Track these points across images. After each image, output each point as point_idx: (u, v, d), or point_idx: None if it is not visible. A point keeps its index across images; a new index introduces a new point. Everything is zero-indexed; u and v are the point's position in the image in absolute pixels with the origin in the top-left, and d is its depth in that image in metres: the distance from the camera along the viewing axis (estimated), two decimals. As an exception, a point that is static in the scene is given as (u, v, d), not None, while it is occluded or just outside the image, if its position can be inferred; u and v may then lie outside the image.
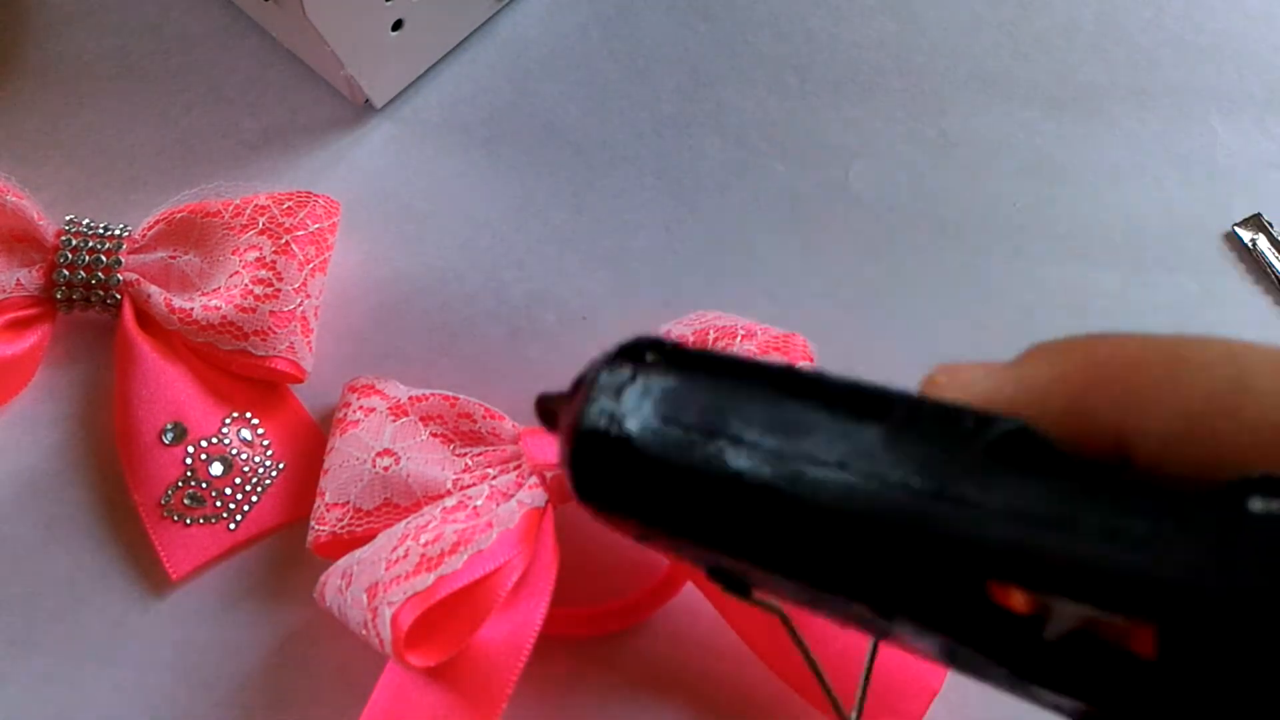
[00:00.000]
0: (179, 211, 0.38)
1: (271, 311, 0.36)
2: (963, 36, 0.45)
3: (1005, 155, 0.43)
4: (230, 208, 0.38)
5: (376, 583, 0.30)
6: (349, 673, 0.35)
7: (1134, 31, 0.46)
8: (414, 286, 0.40)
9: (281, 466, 0.37)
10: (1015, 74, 0.45)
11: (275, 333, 0.36)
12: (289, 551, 0.37)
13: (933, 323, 0.40)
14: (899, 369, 0.40)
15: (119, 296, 0.37)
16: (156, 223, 0.38)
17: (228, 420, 0.37)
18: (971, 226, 0.42)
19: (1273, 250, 0.42)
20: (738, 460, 0.18)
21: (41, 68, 0.44)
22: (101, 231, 0.38)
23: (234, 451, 0.37)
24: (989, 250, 0.42)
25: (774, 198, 0.42)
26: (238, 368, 0.37)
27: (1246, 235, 0.42)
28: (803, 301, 0.41)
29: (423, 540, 0.31)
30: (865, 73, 0.45)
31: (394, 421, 0.35)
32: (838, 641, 0.32)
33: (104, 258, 0.37)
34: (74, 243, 0.37)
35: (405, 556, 0.30)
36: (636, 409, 0.20)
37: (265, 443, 0.37)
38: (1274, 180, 0.43)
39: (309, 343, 0.38)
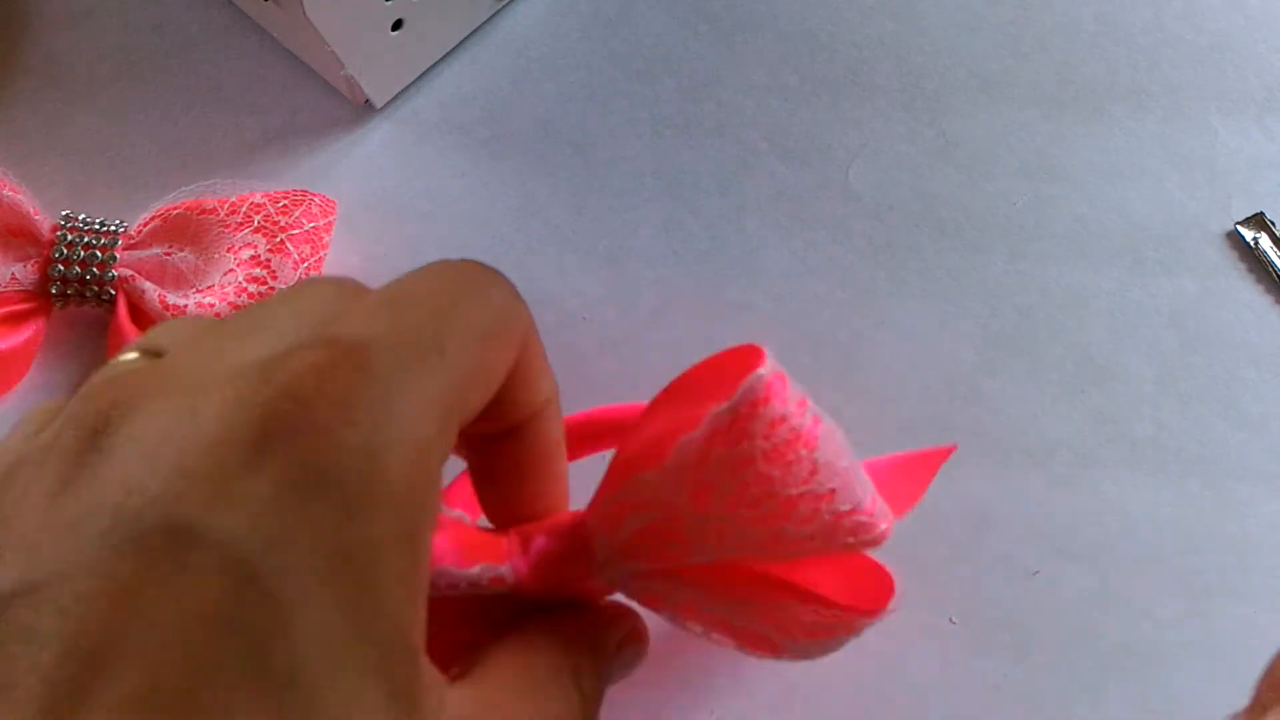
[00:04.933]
0: (175, 209, 0.38)
1: (267, 309, 0.36)
2: (963, 36, 0.45)
3: (1005, 155, 0.43)
4: (226, 205, 0.38)
5: None
6: (348, 672, 0.35)
7: (1134, 31, 0.46)
8: (414, 286, 0.40)
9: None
10: (1015, 74, 0.45)
11: (270, 330, 0.36)
12: (288, 551, 0.37)
13: (933, 323, 0.40)
14: (899, 369, 0.40)
15: (113, 292, 0.37)
16: (152, 219, 0.38)
17: (223, 418, 0.37)
18: (971, 226, 0.42)
19: (1275, 249, 0.42)
20: None
21: (41, 68, 0.44)
22: (97, 227, 0.38)
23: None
24: (989, 250, 0.42)
25: (774, 198, 0.42)
26: (233, 365, 0.37)
27: (1249, 234, 0.42)
28: (803, 301, 0.41)
29: None
30: (865, 73, 0.45)
31: None
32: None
33: (99, 253, 0.37)
34: (69, 238, 0.37)
35: None
36: None
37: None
38: (1274, 180, 0.43)
39: (306, 341, 0.38)
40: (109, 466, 0.17)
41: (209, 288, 0.37)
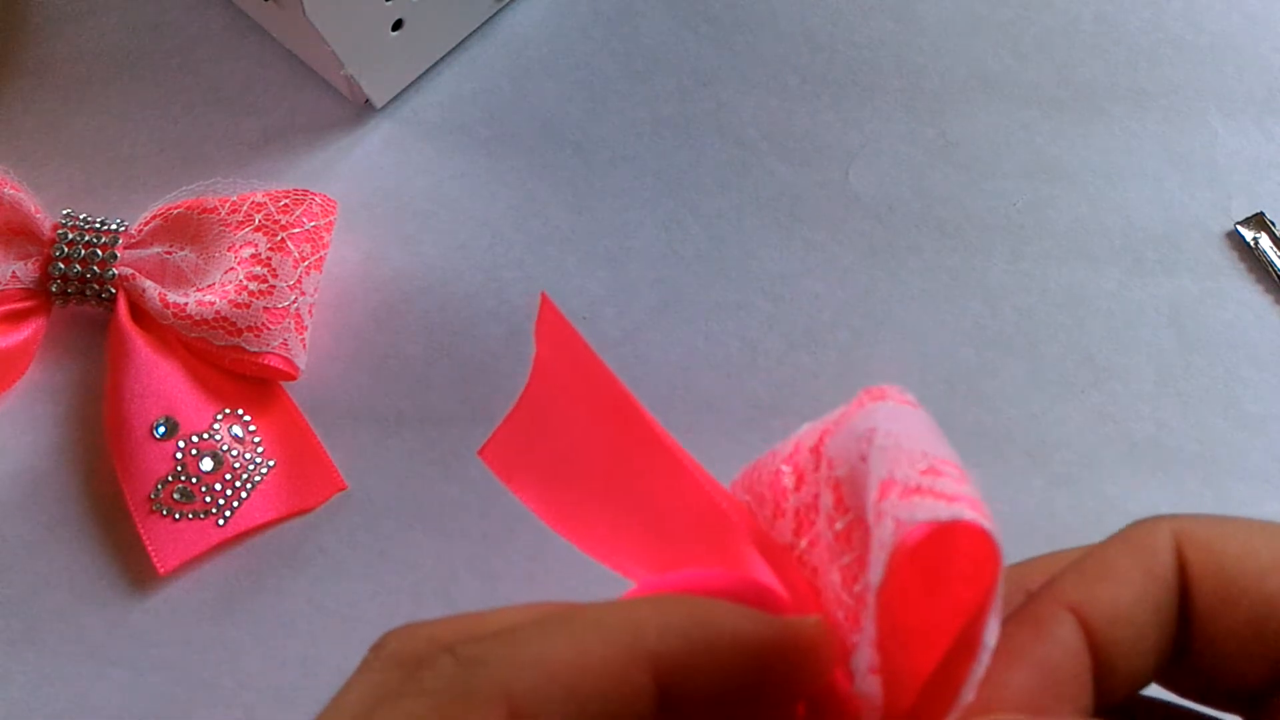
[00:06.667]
0: (176, 207, 0.38)
1: (265, 308, 0.36)
2: (963, 36, 0.45)
3: (1005, 155, 0.43)
4: (227, 204, 0.38)
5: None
6: (348, 672, 0.35)
7: (1134, 31, 0.46)
8: (414, 286, 0.40)
9: (272, 464, 0.37)
10: (1015, 74, 0.45)
11: (269, 329, 0.36)
12: (289, 550, 0.37)
13: (933, 323, 0.40)
14: (898, 369, 0.40)
15: (114, 291, 0.37)
16: (153, 218, 0.38)
17: (219, 416, 0.37)
18: (971, 226, 0.42)
19: (1275, 249, 0.42)
20: None
21: (41, 68, 0.44)
22: (98, 226, 0.38)
23: (224, 448, 0.37)
24: (989, 250, 0.42)
25: (774, 198, 0.42)
26: (231, 364, 0.37)
27: (1249, 234, 0.42)
28: (803, 301, 0.41)
29: None
30: (865, 73, 0.45)
31: None
32: None
33: (99, 252, 0.37)
34: (70, 236, 0.37)
35: None
36: None
37: (256, 440, 0.37)
38: (1274, 180, 0.43)
39: (303, 340, 0.38)
40: None
41: (210, 286, 0.37)
